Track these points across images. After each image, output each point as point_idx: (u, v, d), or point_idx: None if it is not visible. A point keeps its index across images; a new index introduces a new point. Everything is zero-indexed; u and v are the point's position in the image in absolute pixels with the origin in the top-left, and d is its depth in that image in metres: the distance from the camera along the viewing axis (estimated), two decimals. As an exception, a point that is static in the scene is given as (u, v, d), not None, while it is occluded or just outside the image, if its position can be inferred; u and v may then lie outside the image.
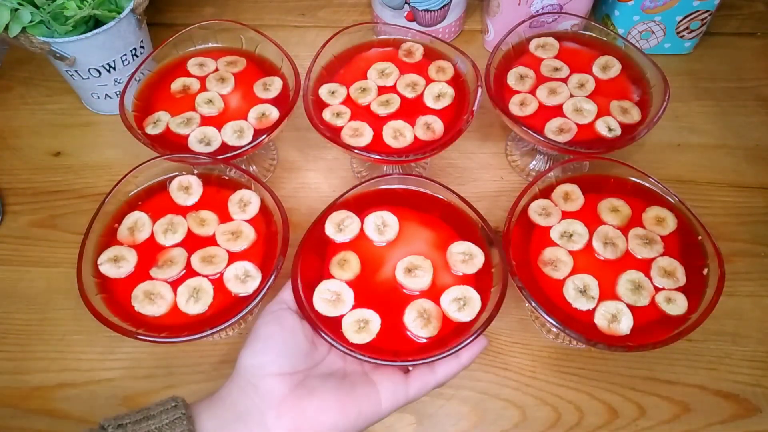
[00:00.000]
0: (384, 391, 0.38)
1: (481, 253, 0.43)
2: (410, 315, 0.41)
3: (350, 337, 0.39)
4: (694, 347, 0.50)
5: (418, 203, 0.47)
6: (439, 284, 0.42)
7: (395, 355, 0.39)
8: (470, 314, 0.40)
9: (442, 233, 0.45)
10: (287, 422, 0.36)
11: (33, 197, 0.61)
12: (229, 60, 0.57)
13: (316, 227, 0.45)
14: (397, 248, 0.44)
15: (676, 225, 0.46)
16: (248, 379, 0.37)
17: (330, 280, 0.42)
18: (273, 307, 0.41)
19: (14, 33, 0.53)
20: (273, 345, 0.38)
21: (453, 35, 0.71)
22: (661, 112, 0.49)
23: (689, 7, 0.63)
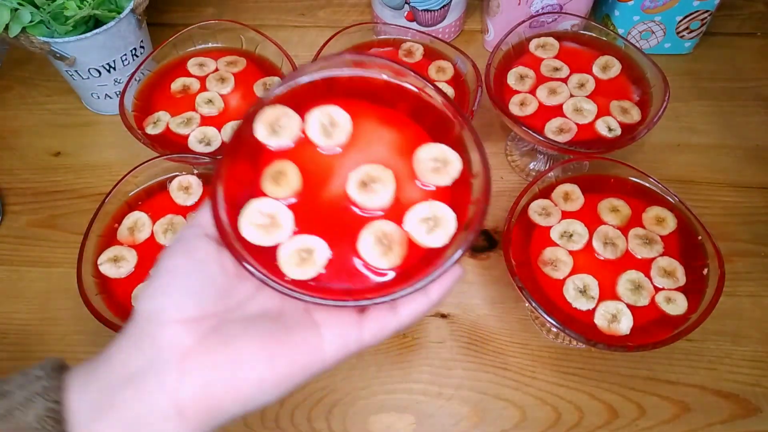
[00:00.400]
0: (329, 335, 0.30)
1: (458, 158, 0.33)
2: (366, 241, 0.31)
3: (289, 272, 0.30)
4: (694, 347, 0.50)
5: (378, 95, 0.35)
6: (404, 200, 0.32)
7: (348, 293, 0.30)
8: (443, 237, 0.31)
9: (408, 134, 0.34)
10: (193, 382, 0.27)
11: (33, 197, 0.61)
12: (229, 60, 0.57)
13: (244, 129, 0.33)
14: (350, 155, 0.34)
15: (676, 225, 0.46)
16: (144, 328, 0.28)
17: (261, 198, 0.32)
18: (184, 233, 0.31)
19: (14, 33, 0.53)
20: (176, 282, 0.29)
21: (453, 35, 0.71)
22: (661, 112, 0.49)
23: (689, 7, 0.63)
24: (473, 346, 0.51)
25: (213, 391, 0.27)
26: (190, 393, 0.27)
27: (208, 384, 0.27)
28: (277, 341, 0.29)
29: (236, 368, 0.28)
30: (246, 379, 0.28)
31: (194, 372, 0.27)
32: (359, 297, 0.30)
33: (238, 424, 0.48)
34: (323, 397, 0.49)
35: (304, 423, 0.48)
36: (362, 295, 0.30)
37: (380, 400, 0.49)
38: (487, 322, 0.52)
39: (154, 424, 0.26)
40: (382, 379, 0.50)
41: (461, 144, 0.33)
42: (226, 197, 0.31)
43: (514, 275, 0.43)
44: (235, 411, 0.28)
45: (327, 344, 0.30)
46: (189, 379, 0.27)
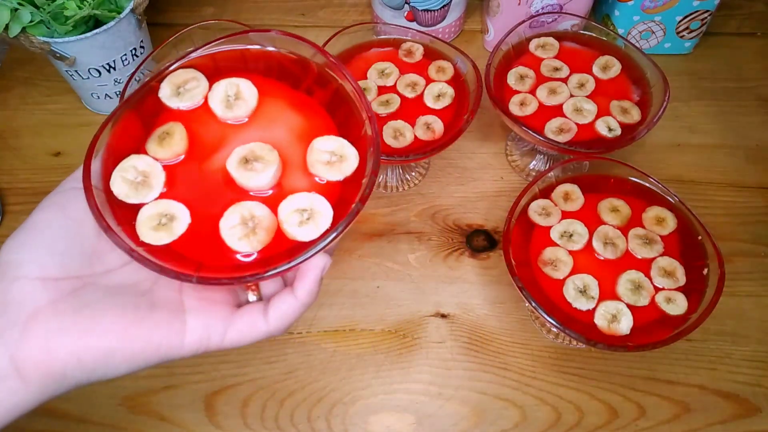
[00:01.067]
0: (193, 322, 0.29)
1: (355, 156, 0.32)
2: (229, 219, 0.30)
3: (142, 234, 0.29)
4: (694, 347, 0.50)
5: (298, 78, 0.35)
6: (287, 187, 0.32)
7: (198, 268, 0.29)
8: (312, 232, 0.30)
9: (315, 123, 0.33)
10: (36, 342, 0.26)
11: (33, 197, 0.61)
12: (229, 60, 0.57)
13: (151, 85, 0.33)
14: (246, 131, 0.33)
15: (676, 225, 0.46)
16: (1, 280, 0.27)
17: (141, 155, 0.31)
18: (64, 185, 0.31)
19: (14, 33, 0.53)
20: (43, 238, 0.28)
21: (453, 35, 0.71)
22: (661, 112, 0.49)
23: (689, 7, 0.63)
24: (473, 346, 0.51)
25: (56, 353, 0.26)
26: (32, 353, 0.26)
27: (51, 347, 0.26)
28: (136, 316, 0.28)
29: (83, 335, 0.27)
30: (92, 347, 0.27)
31: (39, 332, 0.26)
32: (206, 274, 0.28)
33: (238, 424, 0.48)
34: (323, 397, 0.49)
35: (304, 423, 0.48)
36: (210, 273, 0.28)
37: (380, 400, 0.49)
38: (487, 322, 0.52)
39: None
40: (382, 379, 0.50)
41: (365, 144, 0.32)
42: (109, 148, 0.31)
43: (514, 275, 0.43)
44: (80, 378, 0.27)
45: (189, 332, 0.29)
46: (32, 339, 0.26)
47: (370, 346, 0.51)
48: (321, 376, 0.50)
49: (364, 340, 0.52)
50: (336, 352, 0.51)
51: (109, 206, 0.30)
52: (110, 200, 0.30)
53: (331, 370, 0.50)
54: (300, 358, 0.51)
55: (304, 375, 0.50)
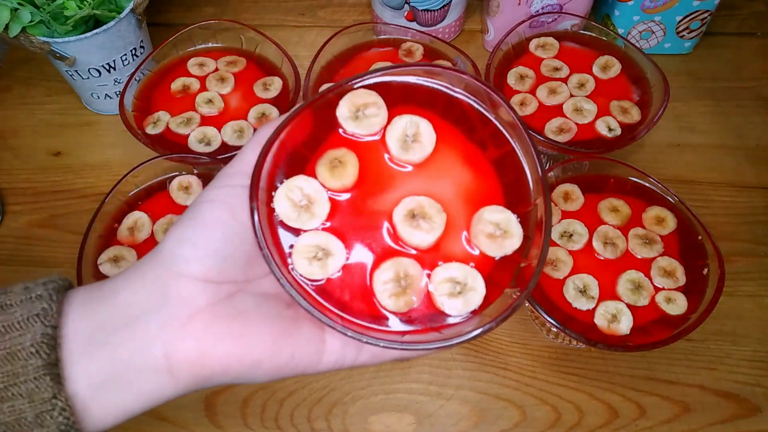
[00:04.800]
0: (332, 342, 0.29)
1: (520, 234, 0.29)
2: (384, 273, 0.28)
3: (296, 263, 0.28)
4: (694, 347, 0.50)
5: (476, 131, 0.32)
6: (444, 251, 0.30)
7: (343, 308, 0.28)
8: (460, 308, 0.28)
9: (484, 185, 0.31)
10: (193, 345, 0.26)
11: (33, 197, 0.61)
12: (229, 60, 0.57)
13: (328, 99, 0.30)
14: (416, 178, 0.31)
15: (676, 225, 0.46)
16: (160, 273, 0.27)
17: (309, 178, 0.29)
18: (230, 179, 0.29)
19: (14, 33, 0.53)
20: (210, 236, 0.27)
21: (453, 35, 0.71)
22: (661, 112, 0.49)
23: (689, 7, 0.63)
24: (473, 346, 0.51)
25: (208, 359, 0.26)
26: (187, 354, 0.26)
27: (206, 351, 0.26)
28: (284, 330, 0.28)
29: (238, 344, 0.27)
30: (243, 357, 0.27)
31: (197, 334, 0.26)
32: (348, 323, 0.28)
33: (238, 424, 0.48)
34: (323, 397, 0.49)
35: (304, 423, 0.48)
36: (351, 322, 0.28)
37: (380, 400, 0.49)
38: (487, 322, 0.52)
39: (143, 373, 0.26)
40: (382, 379, 0.50)
41: (528, 222, 0.30)
42: (275, 159, 0.29)
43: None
44: (222, 382, 0.27)
45: (327, 351, 0.29)
46: (189, 340, 0.26)
47: (370, 346, 0.51)
48: (321, 376, 0.50)
49: (364, 340, 0.51)
50: (336, 352, 0.51)
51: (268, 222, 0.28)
52: (269, 215, 0.29)
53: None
54: (300, 358, 0.51)
55: (304, 375, 0.50)
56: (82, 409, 0.25)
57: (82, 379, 0.25)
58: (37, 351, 0.24)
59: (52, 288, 0.26)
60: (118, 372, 0.25)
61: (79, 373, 0.25)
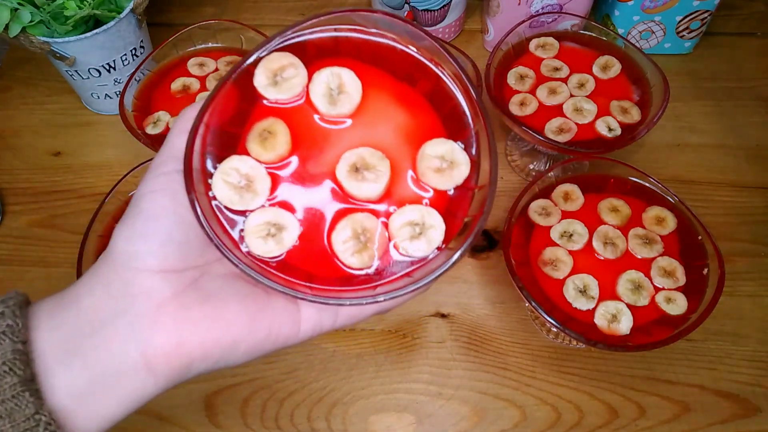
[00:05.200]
0: (307, 311, 0.29)
1: (467, 162, 0.29)
2: (341, 233, 0.28)
3: (251, 244, 0.27)
4: (694, 347, 0.50)
5: (400, 68, 0.30)
6: (396, 196, 0.29)
7: (309, 278, 0.28)
8: (424, 249, 0.28)
9: (422, 121, 0.30)
10: (166, 336, 0.25)
11: (33, 197, 0.61)
12: (229, 60, 0.57)
13: (243, 70, 0.29)
14: (351, 131, 0.29)
15: (676, 225, 0.46)
16: (118, 272, 0.26)
17: (243, 156, 0.28)
18: (164, 166, 0.28)
19: (14, 33, 0.53)
20: (159, 227, 0.26)
21: (453, 35, 0.71)
22: (661, 112, 0.49)
23: (689, 7, 0.63)
24: (473, 346, 0.51)
25: (185, 347, 0.26)
26: (162, 347, 0.25)
27: (182, 340, 0.26)
28: (258, 305, 0.27)
29: (213, 327, 0.26)
30: (221, 339, 0.26)
31: (168, 326, 0.26)
32: (317, 290, 0.27)
33: (238, 424, 0.48)
34: (323, 397, 0.49)
35: (304, 423, 0.48)
36: (321, 289, 0.27)
37: (380, 400, 0.49)
38: (487, 322, 0.52)
39: (121, 375, 0.25)
40: (382, 379, 0.50)
41: (473, 146, 0.29)
42: (204, 142, 0.28)
43: (514, 275, 0.43)
44: (203, 369, 0.27)
45: (304, 320, 0.28)
46: (162, 333, 0.25)
47: (370, 346, 0.51)
48: (321, 376, 0.50)
49: (364, 339, 0.52)
50: (336, 352, 0.51)
51: (211, 210, 0.27)
52: (211, 202, 0.28)
53: (331, 369, 0.50)
54: (300, 357, 0.51)
55: (304, 375, 0.50)
56: (66, 421, 0.24)
57: (62, 390, 0.24)
58: (10, 368, 0.24)
59: (12, 304, 0.25)
60: (96, 379, 0.25)
61: (57, 385, 0.24)
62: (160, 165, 0.28)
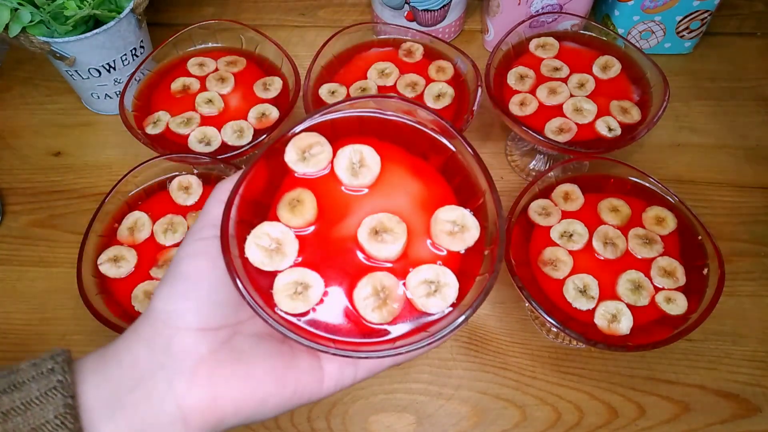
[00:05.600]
0: (329, 368, 0.30)
1: (476, 226, 0.32)
2: (363, 290, 0.30)
3: (280, 302, 0.30)
4: (694, 347, 0.50)
5: (415, 144, 0.34)
6: (412, 257, 0.32)
7: (333, 333, 0.30)
8: (440, 305, 0.30)
9: (433, 190, 0.33)
10: (202, 392, 0.27)
11: (33, 197, 0.61)
12: (229, 60, 0.57)
13: (275, 149, 0.33)
14: (371, 199, 0.33)
15: (676, 225, 0.46)
16: (159, 330, 0.28)
17: (273, 222, 0.31)
18: (202, 232, 0.30)
19: (14, 33, 0.53)
20: (198, 287, 0.29)
21: (453, 35, 0.71)
22: (661, 112, 0.49)
23: (689, 7, 0.63)
24: (473, 346, 0.51)
25: (220, 403, 0.27)
26: (198, 402, 0.27)
27: (216, 396, 0.27)
28: (285, 364, 0.29)
29: (246, 384, 0.28)
30: (253, 396, 0.28)
31: (205, 382, 0.27)
32: (340, 344, 0.29)
33: (238, 424, 0.48)
34: (323, 397, 0.49)
35: (304, 423, 0.48)
36: (343, 343, 0.29)
37: (380, 400, 0.49)
38: (487, 322, 0.52)
39: (159, 426, 0.27)
40: (381, 379, 0.50)
41: (483, 212, 0.32)
42: (239, 211, 0.31)
43: (514, 275, 0.43)
44: (234, 423, 0.28)
45: (326, 377, 0.30)
46: (199, 389, 0.27)
47: (370, 346, 0.51)
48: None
49: (364, 340, 0.52)
50: (336, 352, 0.51)
51: (245, 271, 0.30)
52: (245, 264, 0.30)
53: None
54: (300, 358, 0.51)
55: (304, 375, 0.50)
56: None
57: None
58: (62, 422, 0.25)
59: (61, 360, 0.27)
60: (137, 431, 0.26)
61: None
62: (199, 231, 0.30)
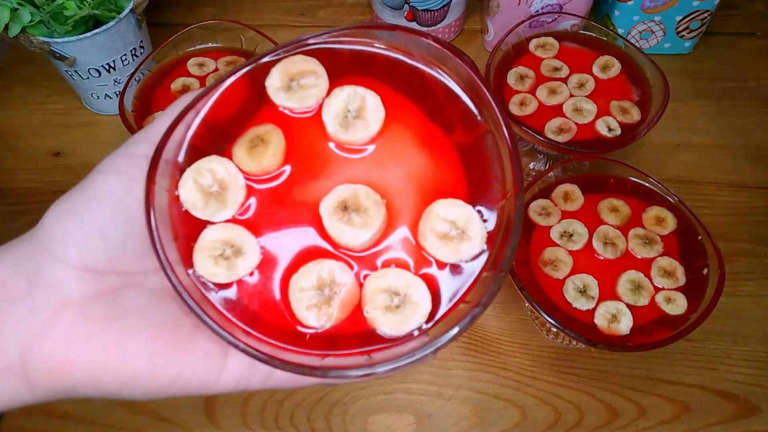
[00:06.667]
0: (233, 363, 0.23)
1: (481, 236, 0.24)
2: (303, 278, 0.23)
3: (197, 262, 0.23)
4: (694, 347, 0.50)
5: (440, 108, 0.26)
6: (384, 253, 0.24)
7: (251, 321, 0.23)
8: (397, 326, 0.23)
9: (443, 174, 0.25)
10: (52, 347, 0.21)
11: (33, 197, 0.61)
12: (229, 60, 0.57)
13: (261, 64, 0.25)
14: (355, 162, 0.25)
15: (676, 225, 0.46)
16: (35, 252, 0.23)
17: (224, 159, 0.24)
18: (134, 147, 0.24)
19: (14, 33, 0.53)
20: (98, 213, 0.23)
21: (453, 35, 0.71)
22: (661, 112, 0.49)
23: (689, 7, 0.63)
24: (473, 346, 0.51)
25: (73, 367, 0.22)
26: (46, 359, 0.21)
27: (70, 357, 0.22)
28: (173, 340, 0.23)
29: (109, 352, 0.22)
30: (115, 369, 0.22)
31: (59, 335, 0.21)
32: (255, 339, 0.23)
33: (238, 424, 0.48)
34: (323, 397, 0.49)
35: (304, 423, 0.48)
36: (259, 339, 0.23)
37: (380, 400, 0.49)
38: (487, 322, 0.52)
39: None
40: (381, 379, 0.50)
41: (494, 222, 0.24)
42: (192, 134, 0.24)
43: (514, 275, 0.43)
44: (91, 394, 0.23)
45: (228, 370, 0.23)
46: (49, 341, 0.21)
47: (370, 346, 0.51)
48: (321, 376, 0.50)
49: (364, 340, 0.51)
50: (336, 352, 0.51)
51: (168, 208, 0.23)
52: (174, 200, 0.24)
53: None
54: (300, 358, 0.51)
55: (304, 375, 0.50)
56: None
57: None
58: None
59: None
60: None
61: None
62: (131, 144, 0.24)
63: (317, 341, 0.23)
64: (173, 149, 0.24)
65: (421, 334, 0.23)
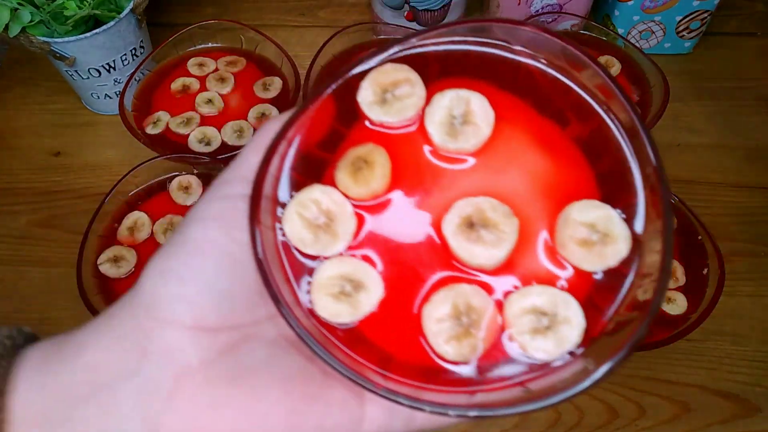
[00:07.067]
0: (372, 410, 0.21)
1: (626, 237, 0.21)
2: (437, 308, 0.21)
3: (318, 302, 0.21)
4: (694, 347, 0.50)
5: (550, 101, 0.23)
6: (521, 269, 0.21)
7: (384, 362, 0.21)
8: (551, 350, 0.20)
9: (570, 174, 0.22)
10: (179, 420, 0.19)
11: (33, 197, 0.61)
12: (229, 60, 0.57)
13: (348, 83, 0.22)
14: (472, 173, 0.22)
15: (676, 225, 0.46)
16: (139, 320, 0.20)
17: (327, 187, 0.22)
18: (227, 188, 0.22)
19: (14, 33, 0.53)
20: (203, 266, 0.20)
21: (453, 35, 0.71)
22: (661, 111, 0.49)
23: (689, 7, 0.63)
24: (473, 346, 0.51)
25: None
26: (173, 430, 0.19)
27: (199, 426, 0.20)
28: (306, 394, 0.20)
29: (242, 417, 0.20)
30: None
31: (185, 406, 0.19)
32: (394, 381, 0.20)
33: None
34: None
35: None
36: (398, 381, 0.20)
37: (380, 400, 0.49)
38: (487, 322, 0.52)
39: None
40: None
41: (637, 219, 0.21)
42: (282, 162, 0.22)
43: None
44: None
45: (367, 421, 0.21)
46: (175, 415, 0.19)
47: (370, 346, 0.51)
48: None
49: (364, 340, 0.51)
50: (336, 352, 0.51)
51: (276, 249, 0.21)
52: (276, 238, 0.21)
53: (331, 370, 0.50)
54: (300, 358, 0.51)
55: (304, 375, 0.50)
56: None
57: None
58: None
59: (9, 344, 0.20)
60: None
61: None
62: (223, 185, 0.22)
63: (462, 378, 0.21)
64: (270, 184, 0.21)
65: (580, 357, 0.20)
